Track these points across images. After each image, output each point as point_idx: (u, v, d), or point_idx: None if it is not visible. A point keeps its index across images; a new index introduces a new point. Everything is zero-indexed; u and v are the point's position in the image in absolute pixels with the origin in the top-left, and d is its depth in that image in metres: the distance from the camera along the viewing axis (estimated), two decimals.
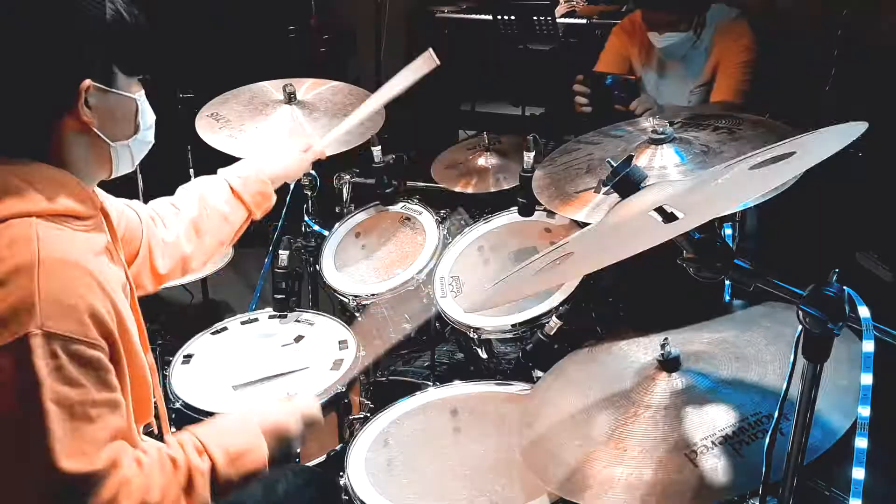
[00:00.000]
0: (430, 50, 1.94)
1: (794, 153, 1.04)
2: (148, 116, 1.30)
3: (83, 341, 1.08)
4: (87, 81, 1.16)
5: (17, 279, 1.06)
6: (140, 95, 1.27)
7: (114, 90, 1.20)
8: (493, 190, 2.54)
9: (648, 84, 2.81)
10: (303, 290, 2.53)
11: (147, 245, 1.55)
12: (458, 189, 2.59)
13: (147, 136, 1.30)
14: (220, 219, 1.68)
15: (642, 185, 1.21)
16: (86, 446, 1.08)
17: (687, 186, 1.16)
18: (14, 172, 1.14)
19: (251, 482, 1.29)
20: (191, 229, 1.64)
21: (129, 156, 1.28)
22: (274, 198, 1.79)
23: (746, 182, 1.09)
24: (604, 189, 1.69)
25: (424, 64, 1.94)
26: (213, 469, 1.22)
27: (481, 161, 2.64)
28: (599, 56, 2.90)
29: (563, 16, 4.45)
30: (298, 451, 1.35)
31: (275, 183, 1.80)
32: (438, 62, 1.93)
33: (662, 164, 1.71)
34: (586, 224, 1.71)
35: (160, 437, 1.47)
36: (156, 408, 1.41)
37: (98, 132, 1.20)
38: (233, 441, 1.27)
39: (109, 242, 1.27)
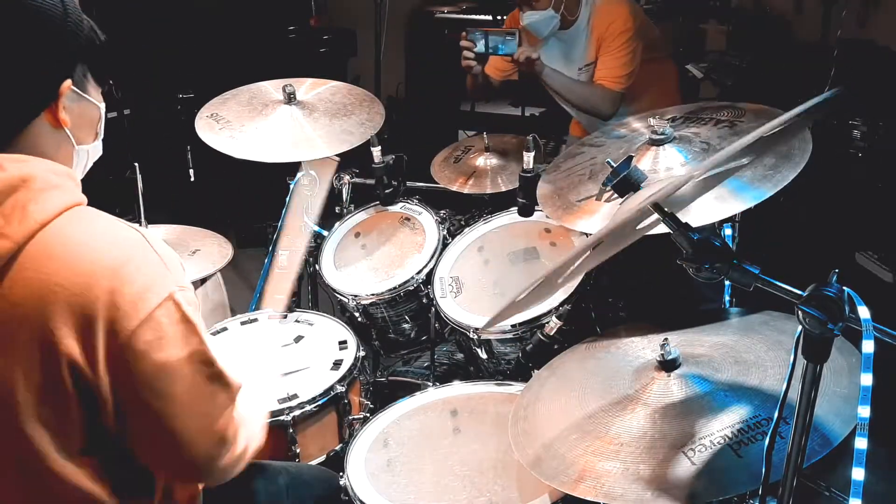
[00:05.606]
0: None
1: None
2: (102, 126, 1.32)
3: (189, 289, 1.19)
4: (69, 82, 1.19)
5: (141, 252, 1.13)
6: (102, 105, 1.29)
7: (85, 95, 1.24)
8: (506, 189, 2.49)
9: None
10: (303, 290, 2.53)
11: None
12: (465, 190, 2.55)
13: (98, 145, 1.32)
14: None
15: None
16: (233, 380, 1.19)
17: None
18: (37, 166, 1.15)
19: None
20: None
21: (83, 164, 1.30)
22: None
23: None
24: (605, 195, 1.68)
25: None
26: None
27: (480, 161, 2.62)
28: None
29: None
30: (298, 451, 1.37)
31: None
32: None
33: (668, 166, 1.66)
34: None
35: None
36: None
37: (69, 133, 1.22)
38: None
39: None
